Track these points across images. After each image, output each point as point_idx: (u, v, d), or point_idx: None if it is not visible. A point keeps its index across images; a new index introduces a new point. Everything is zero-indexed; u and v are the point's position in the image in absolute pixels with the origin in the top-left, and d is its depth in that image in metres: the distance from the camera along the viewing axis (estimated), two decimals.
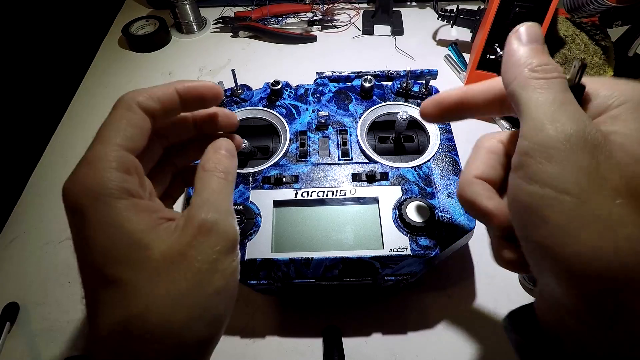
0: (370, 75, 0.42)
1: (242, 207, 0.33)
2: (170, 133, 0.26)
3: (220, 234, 0.21)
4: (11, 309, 0.38)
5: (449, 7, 0.61)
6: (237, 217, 0.32)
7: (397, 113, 0.37)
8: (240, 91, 0.42)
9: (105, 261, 0.19)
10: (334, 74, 0.45)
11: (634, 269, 0.16)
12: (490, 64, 0.47)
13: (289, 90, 0.43)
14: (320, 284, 0.33)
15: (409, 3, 0.73)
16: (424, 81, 0.41)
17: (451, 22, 0.61)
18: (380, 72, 0.44)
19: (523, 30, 0.22)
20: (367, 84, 0.41)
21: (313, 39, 0.67)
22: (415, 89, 0.42)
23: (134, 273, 0.19)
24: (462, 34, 0.65)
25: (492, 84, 0.24)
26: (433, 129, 0.39)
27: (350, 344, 0.35)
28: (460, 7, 0.60)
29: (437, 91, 0.42)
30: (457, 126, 0.40)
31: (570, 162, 0.17)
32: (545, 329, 0.20)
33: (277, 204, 0.34)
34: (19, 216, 0.46)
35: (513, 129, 0.21)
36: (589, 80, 0.20)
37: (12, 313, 0.38)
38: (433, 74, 0.43)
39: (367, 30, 0.67)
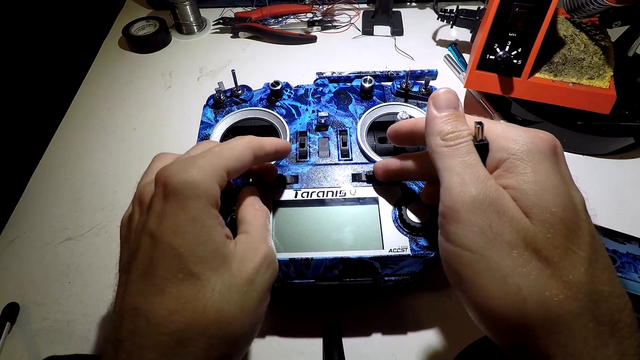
0: (370, 75, 0.42)
1: None
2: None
3: (274, 267, 0.25)
4: (11, 309, 0.38)
5: (448, 8, 0.61)
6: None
7: (397, 113, 0.37)
8: (240, 92, 0.42)
9: (190, 257, 0.21)
10: (334, 75, 0.45)
11: (527, 311, 0.18)
12: (490, 64, 0.47)
13: (288, 90, 0.43)
14: (320, 284, 0.33)
15: (409, 3, 0.73)
16: (423, 81, 0.42)
17: (451, 22, 0.61)
18: (380, 72, 0.44)
19: (439, 96, 0.24)
20: (367, 85, 0.41)
21: (313, 39, 0.67)
22: (415, 89, 0.42)
23: (216, 277, 0.21)
24: (462, 34, 0.65)
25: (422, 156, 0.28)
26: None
27: (350, 344, 0.35)
28: (460, 7, 0.60)
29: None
30: None
31: (470, 222, 0.20)
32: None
33: (277, 204, 0.34)
34: (19, 216, 0.46)
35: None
36: (490, 130, 0.23)
37: (12, 313, 0.38)
38: (433, 74, 0.43)
39: (367, 30, 0.67)
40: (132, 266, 0.22)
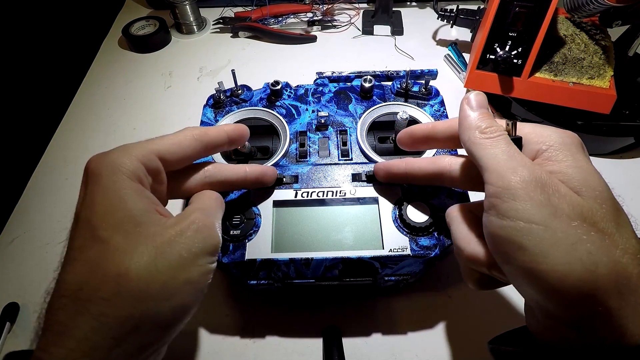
0: (370, 75, 0.42)
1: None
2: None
3: (206, 236, 0.25)
4: (11, 309, 0.38)
5: (448, 7, 0.61)
6: (237, 218, 0.33)
7: (397, 113, 0.37)
8: (240, 91, 0.42)
9: (100, 223, 0.22)
10: (334, 74, 0.45)
11: (599, 274, 0.19)
12: (490, 63, 0.47)
13: (288, 90, 0.43)
14: (320, 284, 0.33)
15: (409, 3, 0.73)
16: (423, 81, 0.41)
17: (451, 22, 0.61)
18: (380, 72, 0.44)
19: (472, 98, 0.27)
20: (367, 84, 0.41)
21: (313, 39, 0.67)
22: (415, 89, 0.42)
23: (124, 239, 0.22)
24: (462, 34, 0.65)
25: (452, 125, 0.29)
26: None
27: (350, 344, 0.35)
28: (460, 7, 0.60)
29: (437, 91, 0.42)
30: None
31: (530, 199, 0.21)
32: (541, 341, 0.23)
33: (277, 204, 0.34)
34: (19, 216, 0.46)
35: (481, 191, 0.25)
36: (519, 129, 0.25)
37: (12, 313, 0.38)
38: (433, 74, 0.43)
39: (367, 30, 0.67)
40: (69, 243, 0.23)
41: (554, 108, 0.47)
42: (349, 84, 0.44)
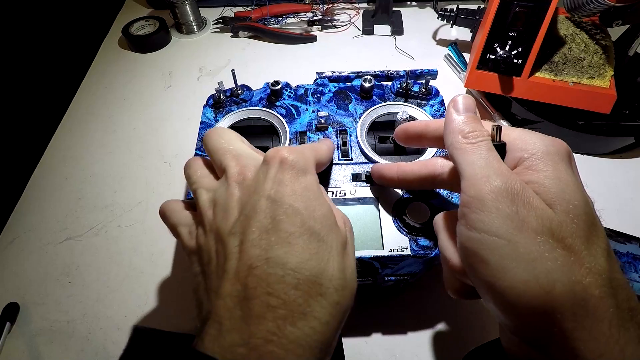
0: (370, 75, 0.42)
1: None
2: None
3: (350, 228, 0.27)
4: (11, 309, 0.38)
5: (449, 7, 0.61)
6: None
7: (397, 113, 0.37)
8: (240, 91, 0.42)
9: (311, 217, 0.23)
10: (334, 74, 0.45)
11: (556, 294, 0.19)
12: (490, 63, 0.47)
13: (288, 90, 0.43)
14: None
15: (409, 3, 0.73)
16: (423, 81, 0.41)
17: (451, 21, 0.61)
18: (380, 72, 0.44)
19: (459, 100, 0.26)
20: (367, 84, 0.41)
21: (313, 39, 0.67)
22: (415, 88, 0.41)
23: (331, 236, 0.23)
24: (462, 33, 0.65)
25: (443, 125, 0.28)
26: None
27: (350, 344, 0.35)
28: (460, 6, 0.60)
29: (436, 91, 0.42)
30: None
31: (497, 210, 0.21)
32: (511, 357, 0.23)
33: None
34: (19, 216, 0.46)
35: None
36: (506, 134, 0.25)
37: (12, 313, 0.38)
38: (433, 74, 0.43)
39: (367, 30, 0.67)
40: (249, 226, 0.22)
41: (554, 108, 0.47)
42: (349, 83, 0.44)
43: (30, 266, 0.42)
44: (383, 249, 0.32)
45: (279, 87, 0.41)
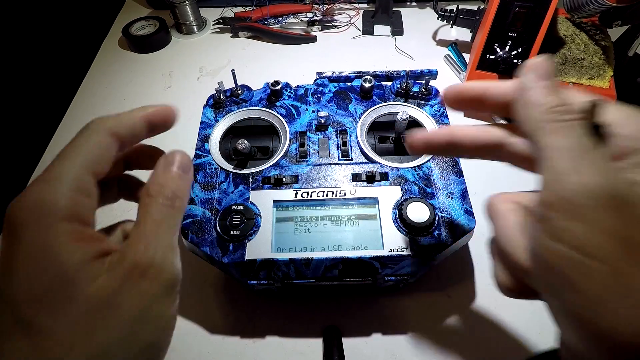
0: (370, 75, 0.42)
1: (242, 207, 0.33)
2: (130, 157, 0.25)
3: (156, 277, 0.18)
4: None
5: (448, 7, 0.61)
6: (237, 218, 0.32)
7: (397, 113, 0.37)
8: (240, 91, 0.42)
9: (25, 296, 0.16)
10: (334, 75, 0.45)
11: None
12: (490, 64, 0.47)
13: (288, 90, 0.43)
14: (320, 284, 0.33)
15: (409, 3, 0.73)
16: (423, 81, 0.41)
17: (451, 22, 0.61)
18: (380, 72, 0.44)
19: (538, 63, 0.20)
20: (367, 84, 0.41)
21: (313, 39, 0.67)
22: (415, 89, 0.42)
23: (54, 319, 0.16)
24: (462, 34, 0.65)
25: (511, 90, 0.22)
26: (433, 130, 0.39)
27: (350, 344, 0.35)
28: (460, 7, 0.60)
29: (436, 91, 0.42)
30: None
31: (597, 223, 0.15)
32: None
33: (277, 204, 0.34)
34: None
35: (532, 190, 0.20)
36: (609, 112, 0.18)
37: None
38: (433, 74, 0.43)
39: (367, 30, 0.67)
40: None
41: None
42: (349, 84, 0.44)
43: None
44: (383, 249, 0.32)
45: (279, 87, 0.41)
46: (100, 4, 0.75)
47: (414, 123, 0.40)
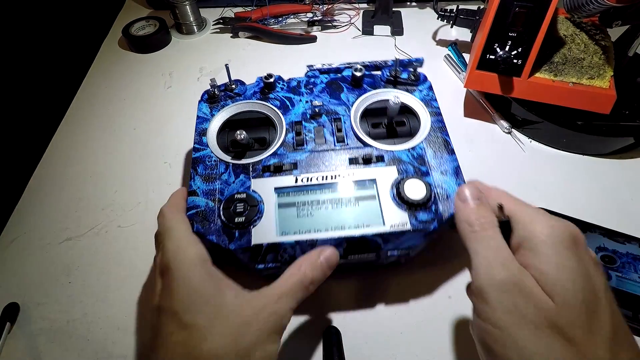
0: (360, 65, 0.44)
1: (244, 195, 0.34)
2: None
3: (278, 319, 0.26)
4: (11, 309, 0.38)
5: (448, 7, 0.61)
6: (240, 206, 0.34)
7: (388, 100, 0.39)
8: (234, 86, 0.43)
9: (183, 310, 0.25)
10: (324, 67, 0.46)
11: None
12: (490, 64, 0.47)
13: (281, 83, 0.44)
14: None
15: (409, 3, 0.73)
16: (412, 69, 0.43)
17: (451, 22, 0.61)
18: (369, 62, 0.45)
19: (464, 191, 0.28)
20: (358, 73, 0.42)
21: (313, 39, 0.67)
22: (404, 76, 0.43)
23: (206, 322, 0.24)
24: (462, 34, 0.65)
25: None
26: (423, 113, 0.41)
27: (350, 344, 0.35)
28: (460, 7, 0.60)
29: (424, 77, 0.44)
30: (457, 129, 0.40)
31: (498, 302, 0.22)
32: None
33: (279, 190, 0.35)
34: (19, 216, 0.46)
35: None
36: (515, 210, 0.26)
37: (12, 313, 0.38)
38: (419, 62, 0.45)
39: (367, 30, 0.67)
40: (148, 339, 0.26)
41: (554, 108, 0.47)
42: (339, 74, 0.45)
43: (30, 266, 0.42)
44: (384, 225, 0.33)
45: (272, 80, 0.42)
46: (100, 4, 0.75)
47: (404, 108, 0.42)
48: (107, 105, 0.58)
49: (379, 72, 0.44)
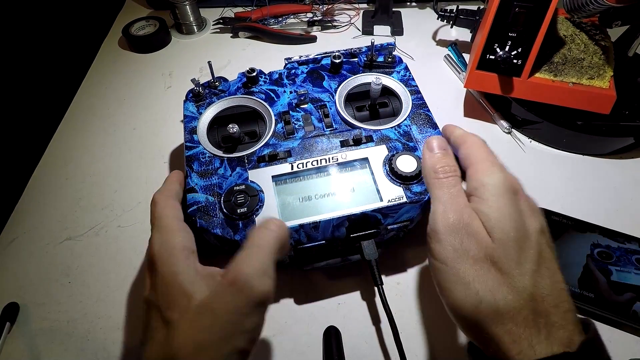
0: (337, 53, 0.46)
1: (243, 186, 0.35)
2: None
3: (250, 292, 0.24)
4: (11, 309, 0.38)
5: (448, 8, 0.61)
6: (241, 197, 0.34)
7: (369, 83, 0.41)
8: (217, 83, 0.44)
9: (164, 306, 0.25)
10: (302, 58, 0.48)
11: (481, 309, 0.24)
12: (490, 64, 0.47)
13: (263, 76, 0.45)
14: (330, 246, 0.35)
15: (408, 3, 0.73)
16: (387, 52, 0.46)
17: (451, 22, 0.61)
18: (344, 50, 0.47)
19: (431, 140, 0.31)
20: (337, 60, 0.45)
21: (313, 39, 0.67)
22: (381, 59, 0.46)
23: (181, 317, 0.24)
24: (461, 34, 0.65)
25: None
26: (403, 92, 0.43)
27: (350, 344, 0.35)
28: (460, 7, 0.60)
29: (399, 59, 0.46)
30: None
31: (447, 241, 0.26)
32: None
33: (276, 178, 0.36)
34: (19, 216, 0.46)
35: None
36: (475, 167, 0.28)
37: (12, 313, 0.38)
38: (392, 46, 0.47)
39: (367, 30, 0.67)
40: (141, 331, 0.27)
41: (554, 108, 0.47)
42: (318, 64, 0.47)
43: (30, 266, 0.42)
44: (382, 200, 0.34)
45: (254, 74, 0.43)
46: (100, 4, 0.75)
47: (385, 90, 0.44)
48: (107, 105, 0.58)
49: (355, 59, 0.46)
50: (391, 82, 0.44)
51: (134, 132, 0.54)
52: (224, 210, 0.34)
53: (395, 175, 0.35)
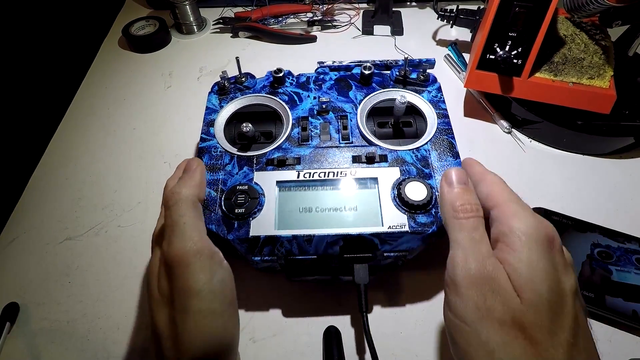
0: (370, 63, 0.44)
1: (246, 187, 0.35)
2: None
3: (211, 264, 0.26)
4: (11, 309, 0.38)
5: (448, 7, 0.61)
6: (241, 197, 0.34)
7: (395, 99, 0.39)
8: (243, 79, 0.43)
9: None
10: (335, 64, 0.47)
11: None
12: (490, 64, 0.47)
13: (290, 78, 0.44)
14: (321, 262, 0.34)
15: (408, 3, 0.73)
16: (422, 69, 0.43)
17: (451, 22, 0.61)
18: (379, 61, 0.46)
19: (451, 174, 0.27)
20: (366, 72, 0.43)
21: (313, 39, 0.67)
22: (414, 76, 0.43)
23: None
24: (461, 34, 0.65)
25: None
26: (430, 114, 0.41)
27: (350, 344, 0.35)
28: (460, 7, 0.60)
29: (434, 78, 0.43)
30: (457, 129, 0.40)
31: (468, 297, 0.22)
32: None
33: (280, 184, 0.36)
34: (19, 216, 0.46)
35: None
36: (500, 203, 0.25)
37: (12, 313, 0.38)
38: (431, 63, 0.45)
39: (367, 30, 0.67)
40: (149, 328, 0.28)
41: (554, 108, 0.47)
42: (349, 72, 0.45)
43: (30, 266, 0.42)
44: (382, 225, 0.33)
45: (281, 74, 0.43)
46: (100, 4, 0.75)
47: (412, 109, 0.42)
48: (106, 105, 0.58)
49: (388, 72, 0.45)
50: (420, 101, 0.42)
51: (134, 132, 0.54)
52: (223, 207, 0.34)
53: (402, 202, 0.33)
